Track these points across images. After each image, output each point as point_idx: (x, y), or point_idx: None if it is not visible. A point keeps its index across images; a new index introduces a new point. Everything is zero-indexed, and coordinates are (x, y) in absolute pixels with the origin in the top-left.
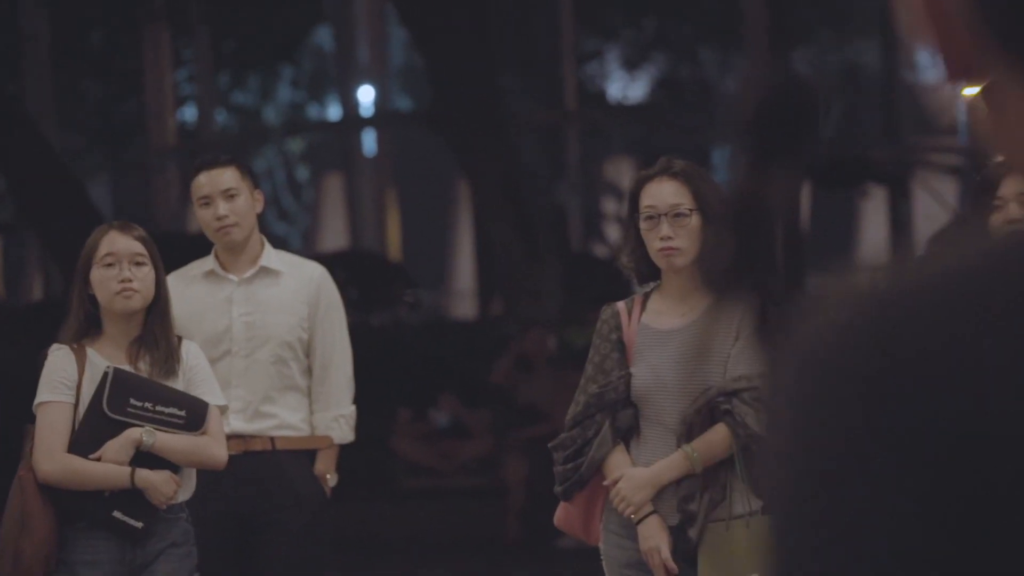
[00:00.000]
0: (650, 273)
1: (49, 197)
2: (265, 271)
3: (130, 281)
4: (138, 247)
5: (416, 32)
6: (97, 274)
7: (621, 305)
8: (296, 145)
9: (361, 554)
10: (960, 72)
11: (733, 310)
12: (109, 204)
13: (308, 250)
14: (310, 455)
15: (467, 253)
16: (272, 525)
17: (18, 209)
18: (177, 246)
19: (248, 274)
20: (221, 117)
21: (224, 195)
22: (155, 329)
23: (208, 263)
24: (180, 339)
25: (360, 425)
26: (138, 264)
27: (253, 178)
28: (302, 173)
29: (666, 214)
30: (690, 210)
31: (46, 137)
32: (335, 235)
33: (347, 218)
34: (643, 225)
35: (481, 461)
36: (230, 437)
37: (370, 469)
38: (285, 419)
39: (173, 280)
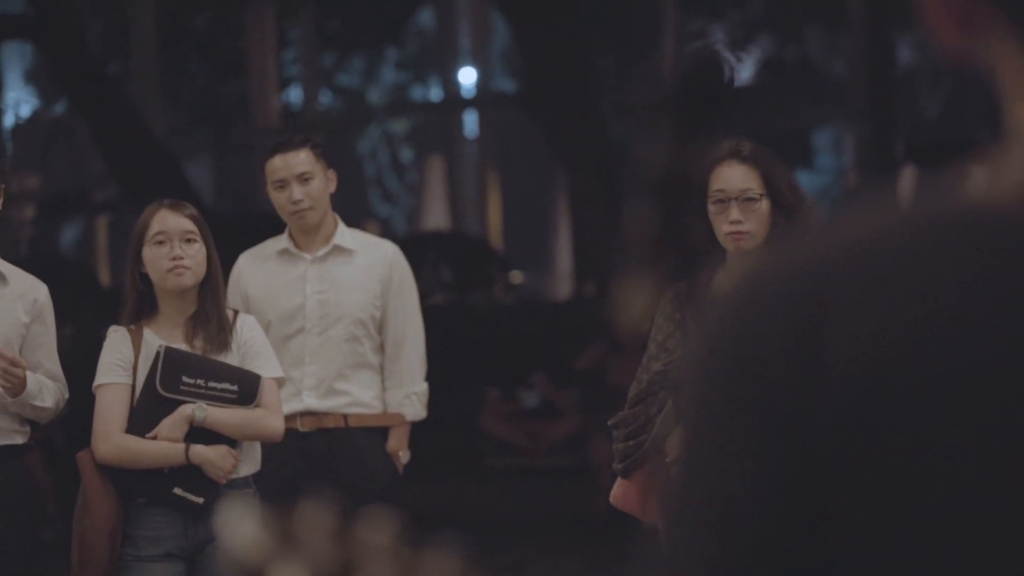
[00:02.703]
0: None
1: (149, 178)
2: (338, 250)
3: (181, 259)
4: (188, 224)
5: (511, 14)
6: (148, 253)
7: (684, 286)
8: (400, 126)
9: (447, 532)
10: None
11: None
12: (211, 184)
13: (411, 230)
14: (382, 432)
15: (566, 235)
16: (344, 501)
17: (121, 190)
18: (280, 227)
19: (321, 252)
20: (325, 98)
21: (299, 179)
22: (207, 305)
23: (282, 241)
24: (236, 313)
25: (449, 404)
26: (188, 241)
27: (327, 158)
28: (406, 154)
29: (736, 198)
30: (760, 195)
31: (148, 118)
32: (438, 216)
33: (449, 199)
34: (712, 208)
35: (569, 441)
36: (303, 414)
37: (458, 448)
38: (358, 396)
39: (247, 259)
